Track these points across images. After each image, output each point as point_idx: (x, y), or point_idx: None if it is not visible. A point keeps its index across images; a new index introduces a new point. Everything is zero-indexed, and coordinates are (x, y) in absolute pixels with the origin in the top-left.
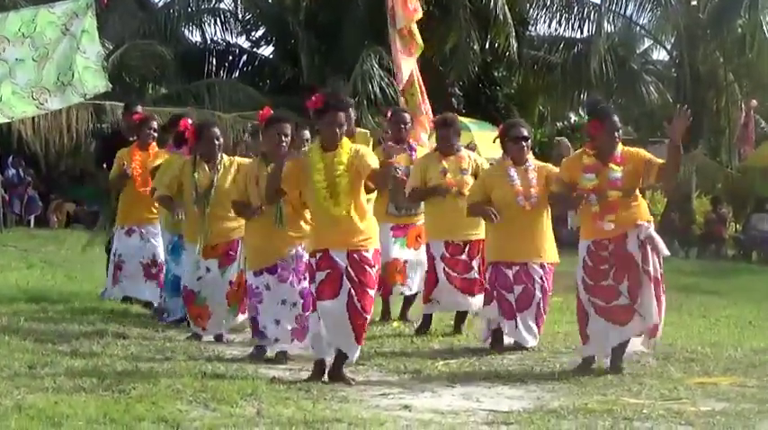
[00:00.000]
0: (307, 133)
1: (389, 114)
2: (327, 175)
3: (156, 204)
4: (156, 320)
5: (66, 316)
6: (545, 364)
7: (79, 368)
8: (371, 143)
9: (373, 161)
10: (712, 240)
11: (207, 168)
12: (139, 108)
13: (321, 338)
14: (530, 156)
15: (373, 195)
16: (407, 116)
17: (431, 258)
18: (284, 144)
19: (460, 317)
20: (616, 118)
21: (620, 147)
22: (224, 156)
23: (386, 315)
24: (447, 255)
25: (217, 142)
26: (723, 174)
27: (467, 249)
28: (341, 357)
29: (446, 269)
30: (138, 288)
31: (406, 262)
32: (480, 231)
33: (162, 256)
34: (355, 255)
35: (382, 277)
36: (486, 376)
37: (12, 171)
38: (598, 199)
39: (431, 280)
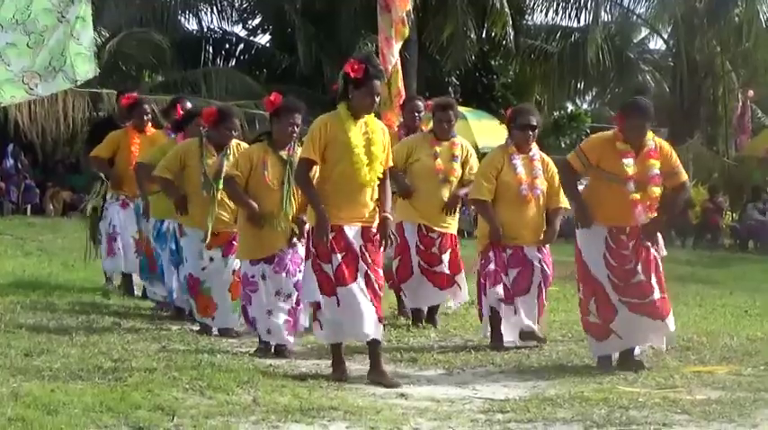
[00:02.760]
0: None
1: (402, 102)
2: (365, 141)
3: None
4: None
5: (62, 304)
6: (541, 353)
7: (76, 356)
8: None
9: (390, 157)
10: (709, 230)
11: (214, 153)
12: (136, 95)
13: (337, 325)
14: (534, 146)
15: None
16: (421, 104)
17: (405, 244)
18: (295, 134)
19: (433, 309)
20: (641, 117)
21: (652, 139)
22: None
23: (400, 310)
24: (421, 246)
25: (234, 133)
26: (720, 164)
27: (439, 241)
28: (374, 350)
29: (421, 263)
30: (130, 263)
31: None
32: (454, 225)
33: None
34: (369, 233)
35: (387, 270)
36: (482, 364)
37: (10, 161)
38: (636, 187)
39: (404, 269)
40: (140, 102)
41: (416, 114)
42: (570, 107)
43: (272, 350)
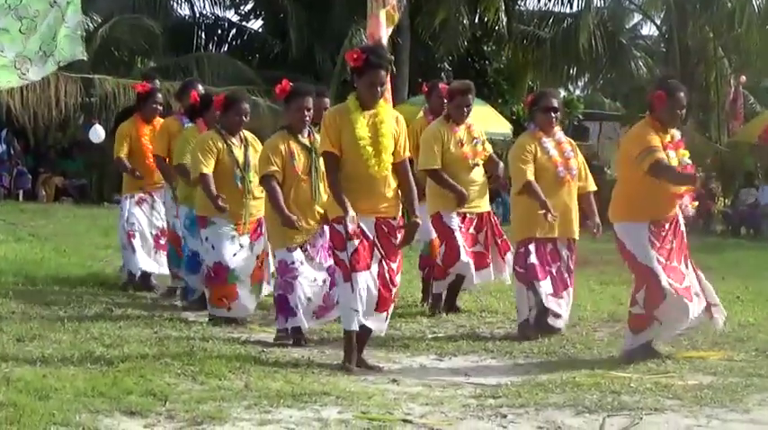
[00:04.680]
0: (327, 101)
1: (427, 88)
2: (372, 133)
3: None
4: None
5: (54, 289)
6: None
7: (67, 341)
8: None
9: (407, 147)
10: (701, 215)
11: (238, 144)
12: (158, 83)
13: (353, 311)
14: (558, 129)
15: None
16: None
17: (449, 230)
18: (307, 119)
19: (454, 293)
20: (683, 96)
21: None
22: (243, 131)
23: (426, 296)
24: (463, 227)
25: (245, 118)
26: (712, 150)
27: (474, 222)
28: (365, 337)
29: (464, 243)
30: (149, 260)
31: None
32: (486, 203)
33: (165, 223)
34: (384, 226)
35: (425, 257)
36: (474, 350)
37: (2, 147)
38: None
39: (452, 253)
40: (154, 93)
41: (444, 99)
42: (563, 93)
43: (291, 339)
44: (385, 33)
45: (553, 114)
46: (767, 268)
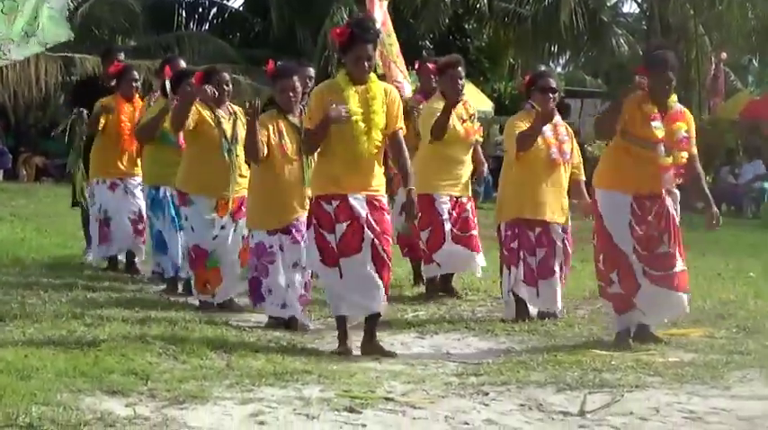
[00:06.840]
0: (311, 70)
1: (417, 65)
2: (364, 109)
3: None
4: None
5: (35, 269)
6: None
7: (48, 321)
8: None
9: (400, 118)
10: (682, 192)
11: (227, 116)
12: (122, 56)
13: (341, 297)
14: (556, 112)
15: None
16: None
17: (436, 214)
18: (294, 99)
19: (448, 278)
20: (669, 71)
21: (676, 102)
22: (231, 105)
23: (417, 280)
24: (454, 213)
25: (226, 88)
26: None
27: (469, 205)
28: (372, 322)
29: (453, 229)
30: (127, 244)
31: None
32: (468, 188)
33: (144, 211)
34: (374, 202)
35: (413, 240)
36: (456, 328)
37: None
38: (667, 152)
39: (436, 239)
40: (128, 69)
41: (433, 77)
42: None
43: (285, 323)
44: (378, 9)
45: (551, 95)
46: (747, 245)
